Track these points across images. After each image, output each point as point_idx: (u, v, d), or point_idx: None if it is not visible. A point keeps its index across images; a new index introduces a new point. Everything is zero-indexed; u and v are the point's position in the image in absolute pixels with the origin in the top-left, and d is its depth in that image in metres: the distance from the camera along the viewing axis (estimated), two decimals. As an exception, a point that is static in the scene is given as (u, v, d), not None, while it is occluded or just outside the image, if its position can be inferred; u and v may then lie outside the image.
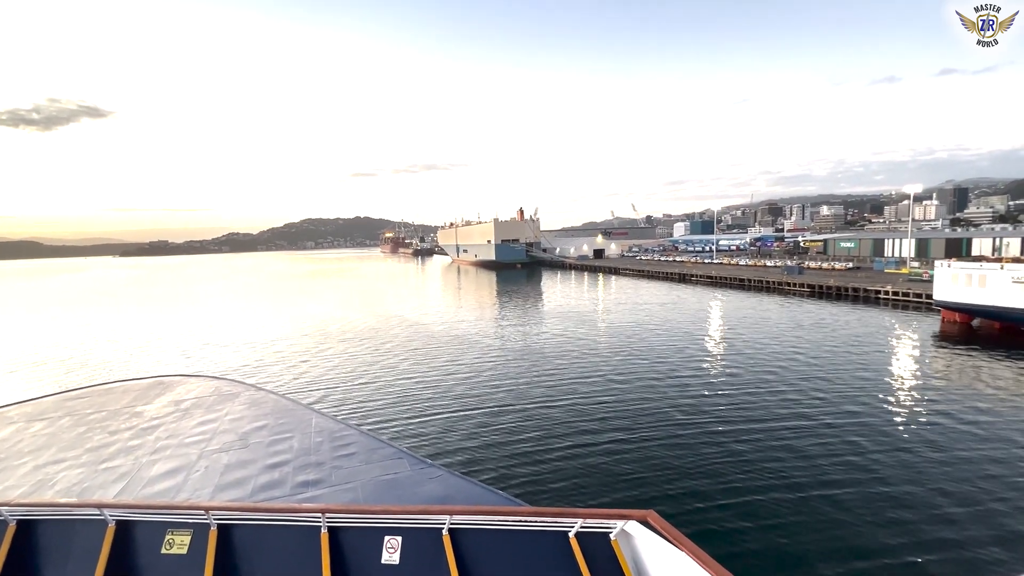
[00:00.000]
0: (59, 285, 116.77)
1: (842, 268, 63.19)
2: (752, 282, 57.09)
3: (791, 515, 11.75)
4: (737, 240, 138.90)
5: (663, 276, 72.04)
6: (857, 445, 15.36)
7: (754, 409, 18.65)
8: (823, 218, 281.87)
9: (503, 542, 4.82)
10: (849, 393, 20.13)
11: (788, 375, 22.64)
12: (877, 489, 12.86)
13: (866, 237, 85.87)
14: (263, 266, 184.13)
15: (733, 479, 13.51)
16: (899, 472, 13.71)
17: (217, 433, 9.16)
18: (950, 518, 11.50)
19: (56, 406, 11.37)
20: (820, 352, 26.39)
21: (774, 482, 13.29)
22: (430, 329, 37.85)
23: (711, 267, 74.74)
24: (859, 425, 16.88)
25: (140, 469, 7.88)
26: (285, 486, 7.05)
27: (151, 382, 12.98)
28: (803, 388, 20.89)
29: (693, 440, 16.13)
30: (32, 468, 8.13)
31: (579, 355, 27.82)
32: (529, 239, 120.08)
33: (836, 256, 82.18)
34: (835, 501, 12.32)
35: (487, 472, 14.11)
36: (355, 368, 26.69)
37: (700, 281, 64.29)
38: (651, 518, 4.43)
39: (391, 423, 18.44)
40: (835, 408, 18.55)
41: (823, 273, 59.41)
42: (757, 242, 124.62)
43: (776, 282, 54.50)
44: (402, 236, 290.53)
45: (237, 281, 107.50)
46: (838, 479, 13.40)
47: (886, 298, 43.35)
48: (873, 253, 78.80)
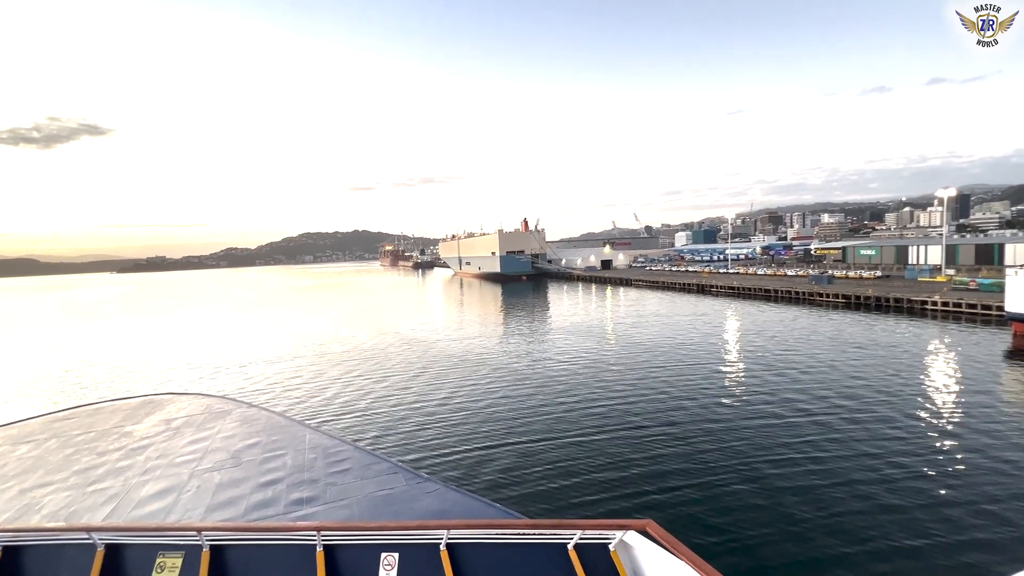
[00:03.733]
0: (50, 303, 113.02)
1: (871, 277, 59.72)
2: (779, 293, 53.51)
3: (798, 529, 11.22)
4: (744, 249, 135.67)
5: (680, 287, 68.42)
6: (907, 469, 13.76)
7: (785, 428, 16.88)
8: (826, 226, 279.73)
9: (501, 555, 4.71)
10: (909, 419, 17.23)
11: (831, 394, 20.04)
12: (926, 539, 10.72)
13: (887, 244, 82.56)
14: (260, 281, 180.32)
15: (739, 490, 13.00)
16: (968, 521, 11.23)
17: (208, 452, 8.94)
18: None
19: (42, 428, 11.12)
20: (872, 371, 22.89)
21: (791, 497, 12.55)
22: (433, 345, 34.66)
23: (731, 277, 71.26)
24: (916, 456, 14.58)
25: (130, 491, 7.68)
26: (279, 504, 6.89)
27: (140, 401, 12.62)
28: (852, 410, 18.27)
29: (720, 456, 15.19)
30: (18, 492, 7.94)
31: (589, 370, 26.47)
32: (535, 250, 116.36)
33: (856, 264, 78.88)
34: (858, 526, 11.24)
35: (484, 485, 13.79)
36: (354, 384, 25.83)
37: (721, 292, 60.66)
38: (650, 528, 4.37)
39: (389, 437, 18.04)
40: (887, 436, 16.00)
41: (853, 282, 55.91)
42: (768, 251, 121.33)
43: (806, 292, 50.93)
44: (401, 249, 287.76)
45: (233, 296, 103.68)
46: (868, 506, 12.11)
47: (934, 309, 39.76)
48: (896, 260, 75.52)
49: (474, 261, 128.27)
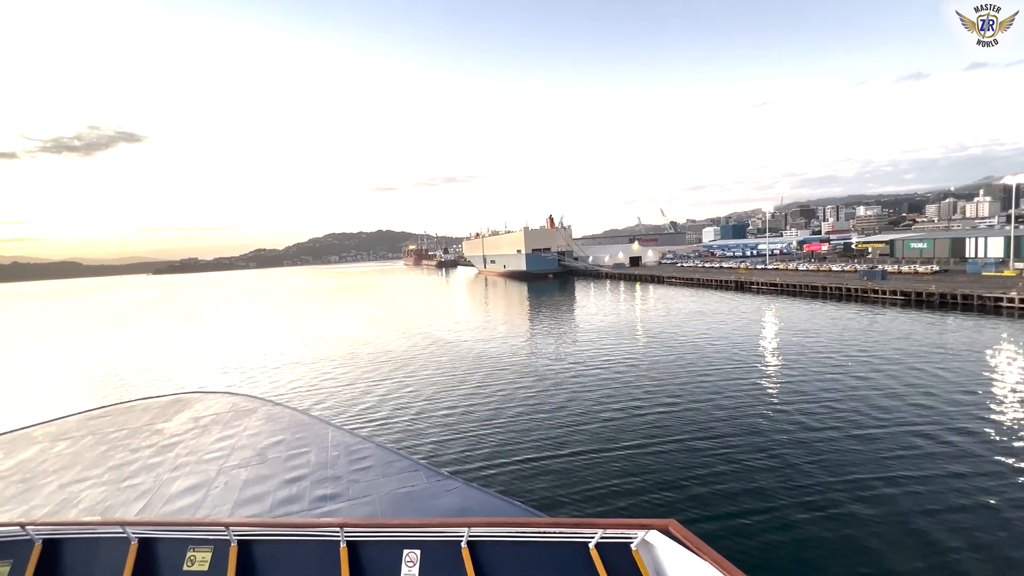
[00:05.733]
0: (87, 304, 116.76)
1: (927, 272, 55.58)
2: (829, 290, 50.10)
3: (824, 531, 10.66)
4: (779, 244, 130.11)
5: (717, 284, 65.28)
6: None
7: (856, 441, 14.93)
8: (863, 219, 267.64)
9: (522, 554, 4.66)
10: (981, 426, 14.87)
11: (901, 405, 17.01)
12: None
13: (941, 236, 77.27)
14: (287, 282, 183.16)
15: (768, 491, 12.42)
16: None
17: (235, 449, 9.07)
18: None
19: (79, 425, 11.40)
20: (957, 379, 20.08)
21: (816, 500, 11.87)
22: (458, 346, 33.32)
23: (771, 273, 67.72)
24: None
25: (161, 486, 7.84)
26: (303, 501, 6.94)
27: (170, 399, 12.91)
28: (933, 422, 15.41)
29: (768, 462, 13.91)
30: (57, 487, 8.18)
31: (631, 370, 25.21)
32: (561, 247, 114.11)
33: (907, 258, 74.05)
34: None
35: (504, 483, 13.47)
36: (377, 384, 25.67)
37: (763, 289, 57.39)
38: (673, 527, 4.23)
39: (411, 435, 17.76)
40: (981, 455, 13.56)
41: (909, 278, 52.02)
42: (805, 245, 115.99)
43: (859, 289, 47.47)
44: (425, 248, 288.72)
45: (261, 298, 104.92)
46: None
47: (1011, 307, 36.13)
48: (951, 254, 70.53)
49: (499, 259, 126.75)
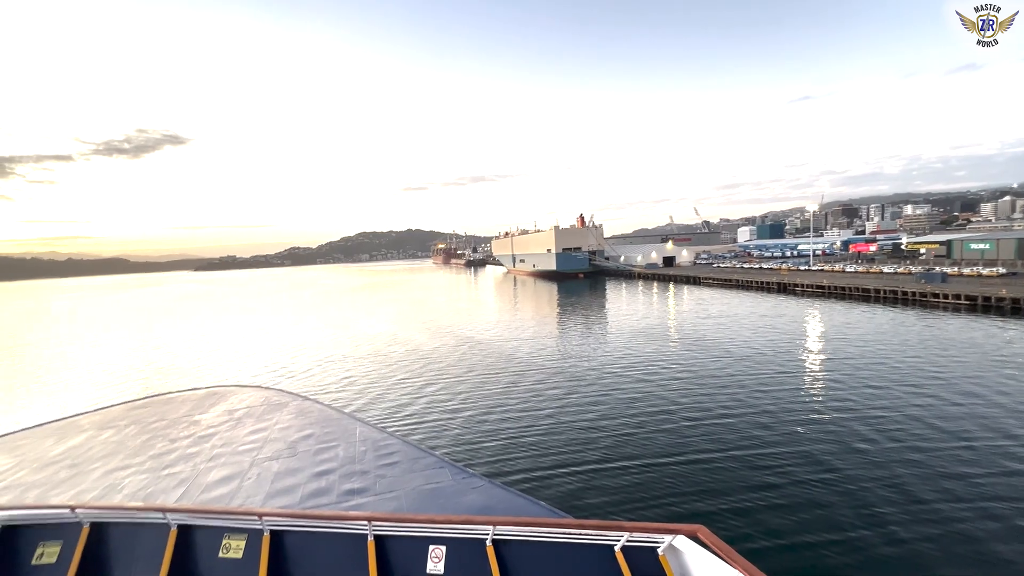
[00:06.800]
0: (131, 299, 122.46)
1: (993, 274, 51.54)
2: (883, 292, 47.04)
3: (868, 549, 10.11)
4: (821, 244, 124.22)
5: (757, 286, 62.52)
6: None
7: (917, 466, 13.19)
8: (912, 218, 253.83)
9: (547, 554, 4.66)
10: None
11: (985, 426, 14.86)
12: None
13: (1006, 237, 71.82)
14: (320, 279, 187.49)
15: (804, 504, 11.87)
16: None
17: (267, 441, 9.31)
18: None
19: (123, 415, 11.88)
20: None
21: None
22: (488, 345, 32.72)
23: (818, 275, 64.36)
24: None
25: (198, 476, 8.08)
26: (332, 494, 7.07)
27: (207, 392, 13.40)
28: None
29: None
30: (103, 473, 8.45)
31: (651, 371, 25.11)
32: (592, 247, 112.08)
33: (966, 260, 69.15)
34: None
35: (529, 482, 13.42)
36: (404, 380, 26.11)
37: (807, 292, 54.52)
38: (701, 533, 4.11)
39: (439, 433, 17.86)
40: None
41: (973, 281, 48.28)
42: (851, 245, 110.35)
43: (916, 293, 44.33)
44: (454, 247, 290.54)
45: (295, 296, 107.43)
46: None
47: (1096, 314, 32.82)
48: (1017, 256, 65.53)
49: (528, 258, 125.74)
